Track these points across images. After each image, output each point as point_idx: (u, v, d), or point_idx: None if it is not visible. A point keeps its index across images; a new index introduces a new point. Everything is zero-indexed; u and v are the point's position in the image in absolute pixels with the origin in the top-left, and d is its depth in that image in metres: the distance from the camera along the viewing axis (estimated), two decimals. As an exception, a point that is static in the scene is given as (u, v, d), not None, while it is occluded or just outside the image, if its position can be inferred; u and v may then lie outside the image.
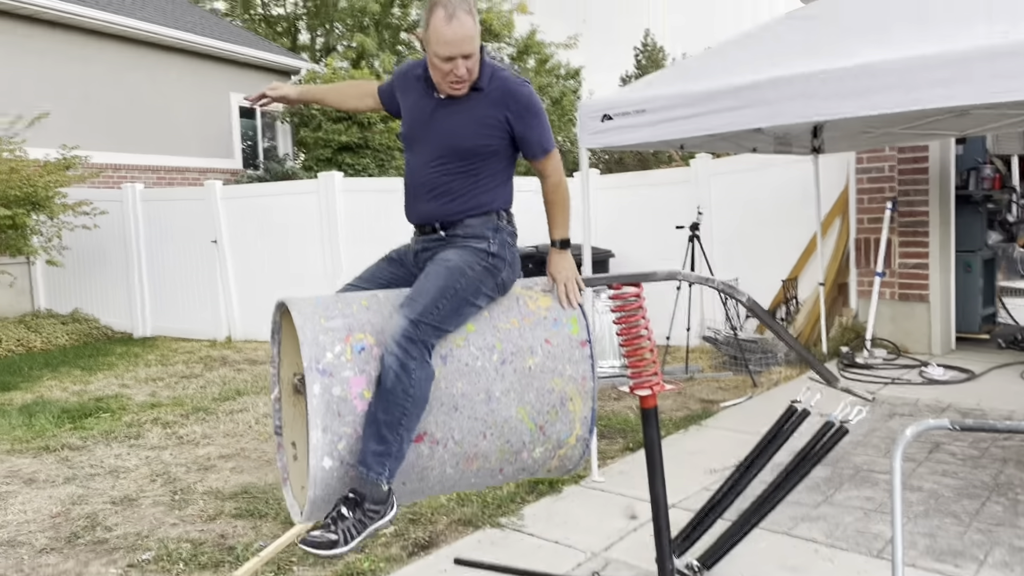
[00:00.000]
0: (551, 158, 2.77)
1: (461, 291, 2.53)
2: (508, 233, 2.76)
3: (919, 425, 2.15)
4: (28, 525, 4.34)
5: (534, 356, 2.62)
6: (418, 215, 2.78)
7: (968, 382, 6.48)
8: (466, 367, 2.53)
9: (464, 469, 2.58)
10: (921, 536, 3.66)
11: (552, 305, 2.75)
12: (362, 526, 2.36)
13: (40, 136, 10.55)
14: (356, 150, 14.99)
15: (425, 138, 2.75)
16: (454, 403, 2.50)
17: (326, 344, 2.39)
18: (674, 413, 6.15)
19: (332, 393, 2.36)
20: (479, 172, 2.71)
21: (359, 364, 2.41)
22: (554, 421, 2.64)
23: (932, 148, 7.46)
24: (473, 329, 2.59)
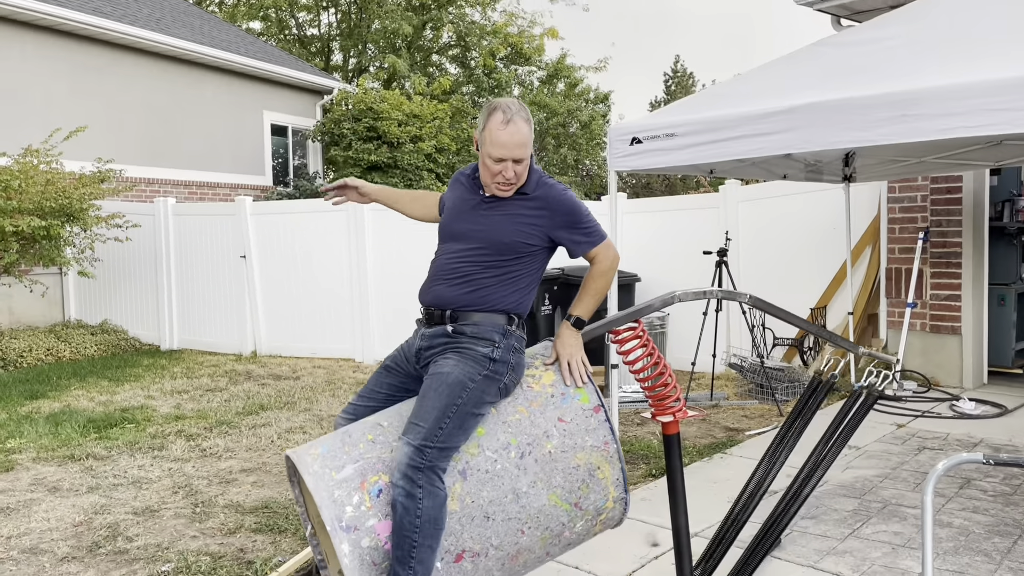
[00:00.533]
0: (606, 247, 2.78)
1: (463, 406, 2.48)
2: (516, 338, 2.70)
3: (952, 459, 2.10)
4: (51, 533, 4.37)
5: (551, 440, 2.56)
6: (432, 296, 2.74)
7: (1000, 417, 6.34)
8: (487, 474, 2.49)
9: (511, 567, 2.56)
10: (950, 574, 3.57)
11: (556, 380, 2.69)
12: None
13: (76, 149, 10.76)
14: (385, 169, 15.11)
15: (464, 230, 2.75)
16: (484, 513, 2.46)
17: (343, 499, 2.36)
18: (698, 441, 6.08)
19: (362, 546, 2.34)
20: (509, 270, 2.69)
21: (381, 508, 2.38)
22: (587, 494, 2.61)
23: (966, 179, 7.38)
24: (483, 432, 2.54)
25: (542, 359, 2.79)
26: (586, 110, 25.07)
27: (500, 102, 2.66)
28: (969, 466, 5.10)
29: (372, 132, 15.10)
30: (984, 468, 5.07)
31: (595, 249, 2.75)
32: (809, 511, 4.38)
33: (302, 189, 14.95)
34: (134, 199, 12.29)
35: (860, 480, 4.92)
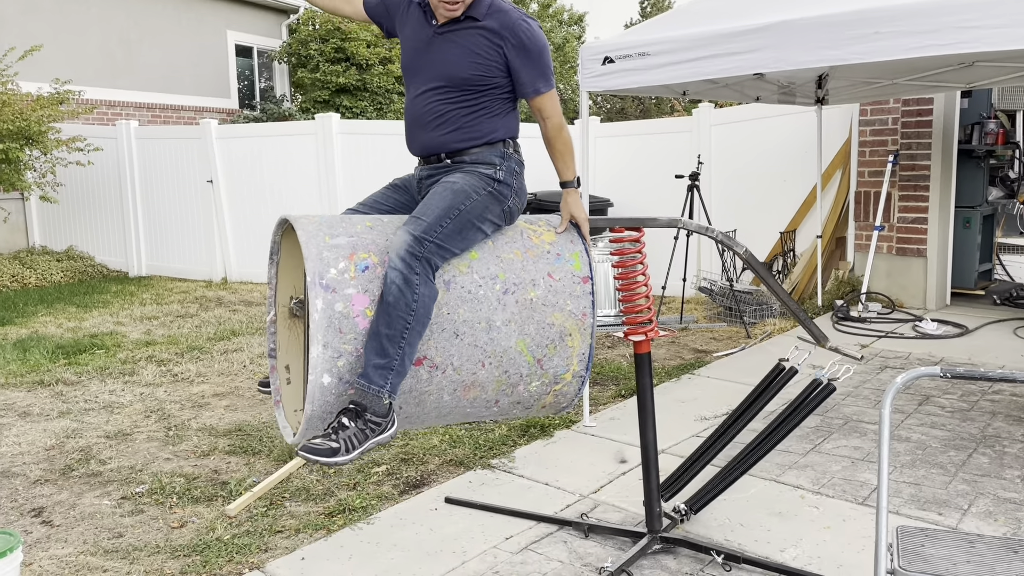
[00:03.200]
0: (546, 99, 2.71)
1: (466, 212, 2.51)
2: (515, 162, 2.72)
3: (910, 373, 2.15)
4: (22, 457, 4.38)
5: (536, 289, 2.61)
6: (420, 145, 2.74)
7: (961, 337, 6.50)
8: (468, 294, 2.52)
9: (461, 397, 2.58)
10: (906, 485, 3.70)
11: (556, 240, 2.73)
12: (363, 437, 2.34)
13: (32, 71, 10.38)
14: (354, 92, 14.79)
15: (422, 67, 2.71)
16: (455, 329, 2.49)
17: (330, 260, 2.37)
18: (667, 362, 6.18)
19: (335, 309, 2.34)
20: (479, 103, 2.67)
21: (363, 283, 2.39)
22: (552, 356, 2.64)
23: (937, 101, 7.37)
24: (476, 257, 2.58)
25: (546, 222, 2.82)
26: (560, 31, 24.60)
27: None
28: (928, 384, 5.25)
29: (340, 53, 14.71)
30: (943, 386, 5.21)
31: (543, 98, 2.68)
32: (773, 428, 4.49)
33: (269, 112, 14.60)
34: (95, 122, 11.94)
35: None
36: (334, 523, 3.46)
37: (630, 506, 3.55)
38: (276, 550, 3.26)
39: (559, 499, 3.65)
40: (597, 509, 3.54)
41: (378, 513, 3.54)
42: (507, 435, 4.48)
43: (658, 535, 3.14)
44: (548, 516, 3.44)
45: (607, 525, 3.32)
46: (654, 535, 3.13)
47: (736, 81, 5.78)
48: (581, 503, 3.61)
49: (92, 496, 3.85)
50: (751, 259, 3.22)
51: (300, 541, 3.32)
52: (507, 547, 3.20)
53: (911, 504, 3.50)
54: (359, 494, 3.75)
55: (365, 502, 3.65)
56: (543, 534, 3.31)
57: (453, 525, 3.39)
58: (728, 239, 3.19)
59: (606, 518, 3.45)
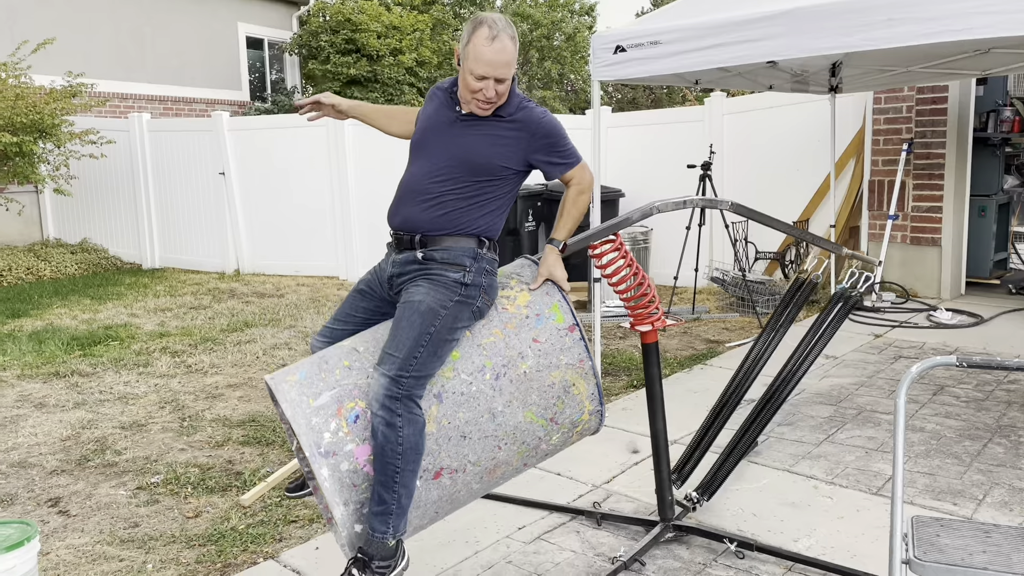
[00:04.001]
0: (581, 169, 2.72)
1: (436, 334, 2.46)
2: (487, 261, 2.64)
3: (926, 362, 2.13)
4: (39, 447, 4.42)
5: (525, 360, 2.57)
6: (402, 218, 2.66)
7: (976, 327, 6.46)
8: (462, 396, 2.50)
9: (489, 480, 2.61)
10: (921, 475, 3.68)
11: (532, 300, 2.67)
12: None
13: (45, 64, 10.43)
14: (365, 84, 14.78)
15: (436, 148, 2.66)
16: (461, 433, 2.49)
17: (320, 426, 2.37)
18: (679, 353, 6.17)
19: (341, 470, 2.37)
20: (481, 193, 2.63)
21: (359, 433, 2.39)
22: (563, 409, 2.63)
23: (952, 89, 7.31)
24: (458, 356, 2.53)
25: (517, 279, 2.77)
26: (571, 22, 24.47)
27: (487, 17, 2.54)
28: (943, 374, 5.22)
29: (351, 45, 14.70)
30: (957, 375, 5.18)
31: (571, 171, 2.70)
32: (786, 418, 4.49)
33: (280, 104, 14.61)
34: (108, 115, 12.00)
35: (836, 388, 5.02)
36: (347, 513, 3.48)
37: (643, 496, 3.55)
38: (290, 540, 3.28)
39: (571, 489, 3.65)
40: (610, 499, 3.55)
41: (391, 503, 3.55)
42: (519, 425, 4.48)
43: (671, 524, 3.14)
44: (561, 506, 3.44)
45: (619, 514, 3.33)
46: (667, 524, 3.13)
47: (749, 69, 5.75)
48: (593, 493, 3.61)
49: (108, 486, 3.88)
50: (738, 207, 3.23)
51: (314, 531, 3.34)
52: (520, 537, 3.21)
53: (926, 494, 3.49)
54: (372, 484, 3.76)
55: (378, 492, 3.66)
56: (556, 524, 3.31)
57: (466, 515, 3.40)
58: (710, 201, 3.21)
59: (619, 508, 3.45)
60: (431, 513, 2.54)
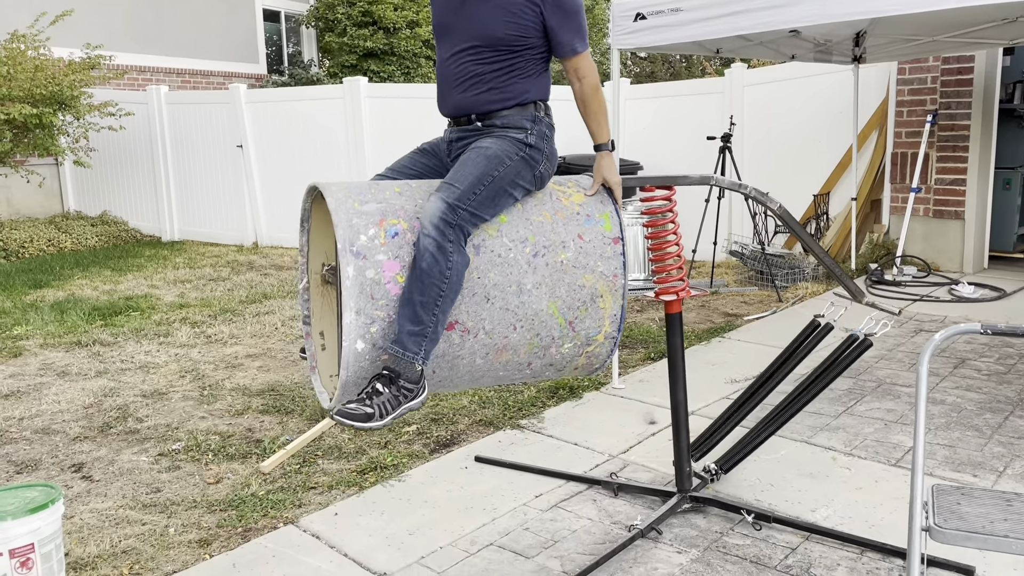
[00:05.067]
0: (583, 59, 2.68)
1: (499, 179, 2.49)
2: (546, 125, 2.69)
3: (949, 330, 2.11)
4: (62, 415, 4.47)
5: (566, 251, 2.58)
6: (452, 105, 2.71)
7: (999, 300, 6.38)
8: (499, 258, 2.50)
9: (493, 360, 2.58)
10: (941, 447, 3.66)
11: (585, 202, 2.69)
12: (396, 403, 2.35)
13: (64, 36, 10.44)
14: (382, 57, 14.69)
15: (456, 27, 2.68)
16: (486, 293, 2.48)
17: (360, 227, 2.36)
18: (697, 326, 6.15)
19: (366, 276, 2.33)
20: (512, 64, 2.64)
21: (393, 249, 2.38)
22: (584, 317, 2.62)
23: (978, 59, 7.17)
24: (506, 220, 2.55)
25: (575, 183, 2.79)
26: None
27: None
28: (964, 347, 5.17)
29: (367, 17, 14.59)
30: (979, 349, 5.13)
31: (579, 58, 2.67)
32: (805, 390, 4.46)
33: (297, 77, 14.57)
34: (126, 87, 12.01)
35: (856, 361, 4.98)
36: (366, 480, 3.51)
37: (660, 466, 3.55)
38: (310, 506, 3.31)
39: (588, 459, 3.66)
40: (626, 469, 3.55)
41: (409, 471, 3.57)
42: (536, 396, 4.49)
43: (688, 494, 3.14)
44: (577, 475, 3.45)
45: (637, 484, 3.33)
46: (684, 494, 3.13)
47: (771, 38, 5.66)
48: (610, 463, 3.62)
49: (130, 453, 3.93)
50: (786, 215, 3.17)
51: (333, 497, 3.37)
52: (537, 504, 3.22)
53: (945, 466, 3.47)
54: (390, 452, 3.79)
55: (396, 460, 3.69)
56: (572, 492, 3.32)
57: (483, 483, 3.42)
58: (762, 195, 3.14)
59: (635, 478, 3.45)
60: (429, 368, 2.53)
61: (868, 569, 2.71)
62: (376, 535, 3.02)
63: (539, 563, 2.80)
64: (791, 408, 3.15)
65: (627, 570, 2.74)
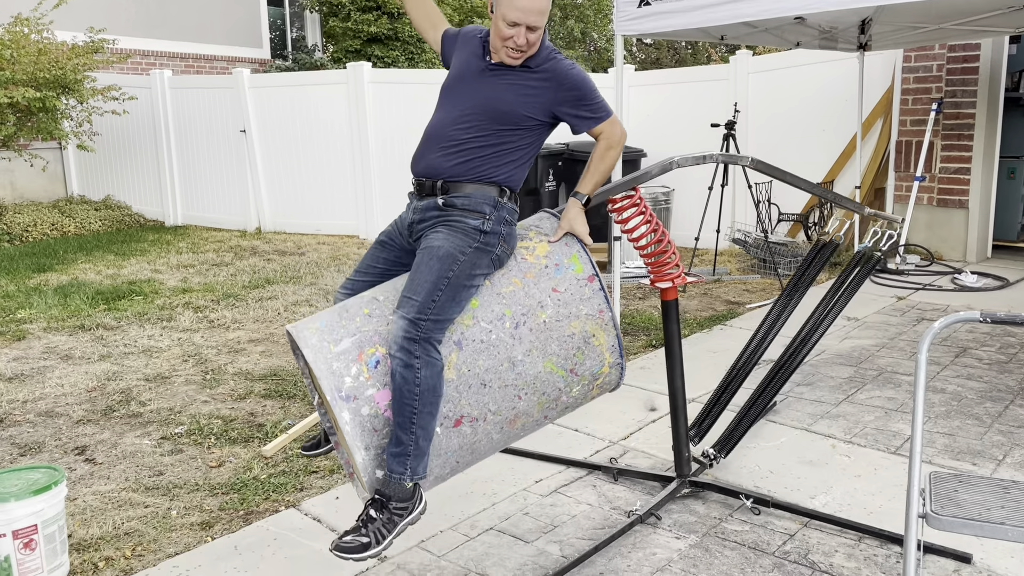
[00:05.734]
0: (611, 124, 2.67)
1: (455, 279, 2.46)
2: (507, 211, 2.63)
3: (949, 317, 2.11)
4: (65, 398, 4.50)
5: (545, 310, 2.57)
6: (424, 165, 2.66)
7: (1001, 290, 6.38)
8: (482, 344, 2.50)
9: (509, 430, 2.62)
10: (940, 435, 3.67)
11: (551, 251, 2.66)
12: (392, 525, 2.40)
13: (67, 19, 10.41)
14: (386, 42, 14.64)
15: (464, 95, 2.66)
16: (481, 381, 2.49)
17: (341, 370, 2.38)
18: (699, 314, 6.15)
19: (362, 414, 2.38)
20: (504, 142, 2.61)
21: (379, 378, 2.41)
22: (583, 360, 2.63)
23: (984, 47, 7.13)
24: (478, 304, 2.54)
25: (536, 231, 2.76)
26: (594, -22, 24.03)
27: None
28: (966, 336, 5.17)
29: (371, 1, 14.54)
30: (980, 338, 5.13)
31: (600, 126, 2.67)
32: (805, 378, 4.47)
33: (301, 62, 14.53)
34: (129, 72, 11.99)
35: (857, 349, 5.00)
36: (367, 464, 3.52)
37: (660, 452, 3.57)
38: (311, 489, 3.33)
39: (589, 445, 3.68)
40: (627, 455, 3.57)
41: (410, 455, 3.59)
42: (538, 382, 4.50)
43: (687, 479, 3.15)
44: (578, 461, 3.47)
45: (636, 470, 3.35)
46: (683, 479, 3.15)
47: (776, 25, 5.63)
48: (611, 449, 3.63)
49: (133, 436, 3.96)
50: (759, 164, 3.20)
51: (334, 481, 3.39)
52: (537, 490, 3.24)
53: (945, 454, 3.48)
54: (391, 437, 3.81)
55: (397, 445, 3.70)
56: (573, 478, 3.34)
57: (484, 468, 3.43)
58: (730, 157, 3.17)
59: (635, 463, 3.47)
60: (452, 463, 2.56)
61: (866, 555, 2.72)
62: (377, 519, 3.03)
63: (538, 547, 2.82)
64: (804, 346, 3.16)
65: (626, 555, 2.76)
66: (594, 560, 2.73)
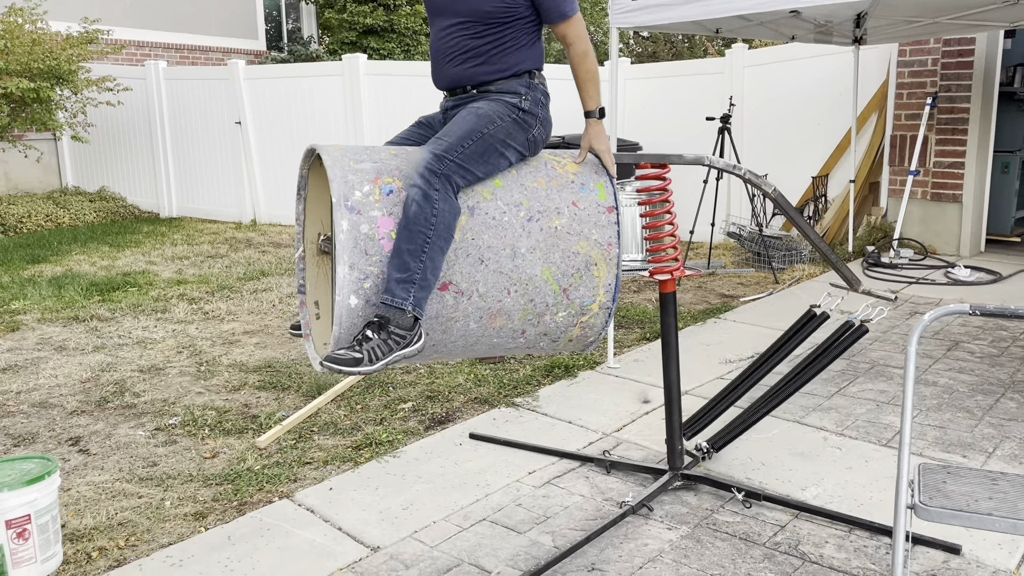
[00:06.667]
0: (572, 24, 2.68)
1: (489, 136, 2.51)
2: (541, 92, 2.71)
3: (939, 310, 2.12)
4: (59, 389, 4.50)
5: (560, 217, 2.59)
6: (447, 78, 2.73)
7: (994, 284, 6.40)
8: (493, 220, 2.51)
9: (487, 325, 2.58)
10: (931, 428, 3.69)
11: (580, 171, 2.70)
12: (388, 348, 2.32)
13: (61, 9, 10.38)
14: (381, 34, 14.60)
15: (446, 4, 2.71)
16: (480, 255, 2.48)
17: (355, 183, 2.37)
18: (693, 306, 6.16)
19: (360, 231, 2.34)
20: (503, 35, 2.66)
21: (387, 206, 2.39)
22: (578, 285, 2.63)
23: (979, 41, 7.14)
24: (500, 184, 2.57)
25: (570, 155, 2.81)
26: (591, -29, 23.97)
27: None
28: (958, 329, 5.19)
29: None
30: (972, 331, 5.15)
31: (567, 24, 2.67)
32: (798, 371, 4.48)
33: (296, 54, 14.48)
34: (124, 63, 11.95)
35: (850, 343, 5.01)
36: (361, 456, 3.54)
37: (652, 444, 3.58)
38: (305, 480, 3.34)
39: (582, 437, 3.69)
40: (619, 447, 3.58)
41: (404, 447, 3.60)
42: (531, 375, 4.52)
43: (679, 472, 3.17)
44: (570, 452, 3.48)
45: (629, 462, 3.36)
46: (675, 472, 3.16)
47: (771, 18, 5.64)
48: (604, 441, 3.65)
49: (127, 427, 3.96)
50: (780, 199, 3.18)
51: (328, 472, 3.40)
52: (530, 481, 3.25)
53: (935, 446, 3.50)
54: (385, 429, 3.82)
55: (391, 436, 3.72)
56: (565, 470, 3.35)
57: (477, 460, 3.44)
58: (756, 178, 3.15)
59: (628, 455, 3.48)
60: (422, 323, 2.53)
61: (856, 547, 2.74)
62: (370, 509, 3.05)
63: (531, 538, 2.84)
64: (785, 391, 3.17)
65: (618, 546, 2.77)
66: (586, 550, 2.74)
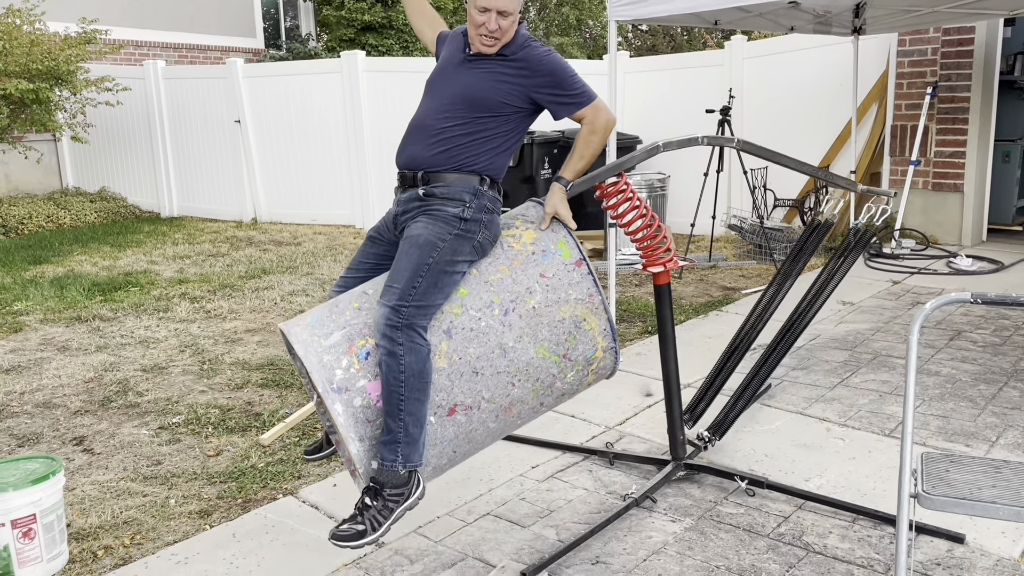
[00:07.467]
0: (595, 108, 2.66)
1: (435, 263, 2.48)
2: (488, 199, 2.64)
3: (941, 299, 2.12)
4: (63, 389, 4.51)
5: (533, 296, 2.58)
6: (406, 156, 2.69)
7: (996, 273, 6.40)
8: (472, 332, 2.52)
9: (505, 418, 2.62)
10: (934, 417, 3.69)
11: (537, 237, 2.67)
12: (388, 511, 2.42)
13: (59, 10, 10.36)
14: (380, 30, 14.59)
15: (443, 85, 2.69)
16: (473, 368, 2.50)
17: (332, 363, 2.40)
18: (695, 299, 6.16)
19: (354, 405, 2.39)
20: (483, 129, 2.62)
21: (370, 369, 2.42)
22: (575, 345, 2.64)
23: (978, 30, 7.12)
24: (466, 293, 2.56)
25: (522, 219, 2.78)
26: (588, -35, 23.92)
27: None
28: (960, 319, 5.19)
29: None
30: (975, 321, 5.15)
31: (583, 110, 2.67)
32: (800, 362, 4.49)
33: (295, 51, 14.47)
34: (122, 62, 11.94)
35: (852, 333, 5.01)
36: (364, 452, 3.54)
37: (655, 437, 3.59)
38: (309, 477, 3.34)
39: (585, 430, 3.70)
40: (623, 440, 3.58)
41: (407, 443, 3.60)
42: (534, 369, 4.52)
43: (682, 462, 3.17)
44: (574, 446, 3.48)
45: (632, 454, 3.36)
46: (678, 462, 3.16)
47: (770, 9, 5.62)
48: (607, 434, 3.65)
49: (131, 426, 3.97)
50: (746, 145, 3.20)
51: (332, 469, 3.41)
52: (533, 475, 3.26)
53: (938, 436, 3.50)
54: (388, 425, 3.82)
55: (394, 432, 3.72)
56: (569, 463, 3.36)
57: (481, 454, 3.43)
58: (717, 139, 3.18)
59: (631, 448, 3.49)
60: (448, 452, 2.57)
61: (860, 536, 2.74)
62: (374, 505, 3.05)
63: (535, 532, 2.84)
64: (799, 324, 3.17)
65: (622, 539, 2.78)
66: (590, 544, 2.75)
